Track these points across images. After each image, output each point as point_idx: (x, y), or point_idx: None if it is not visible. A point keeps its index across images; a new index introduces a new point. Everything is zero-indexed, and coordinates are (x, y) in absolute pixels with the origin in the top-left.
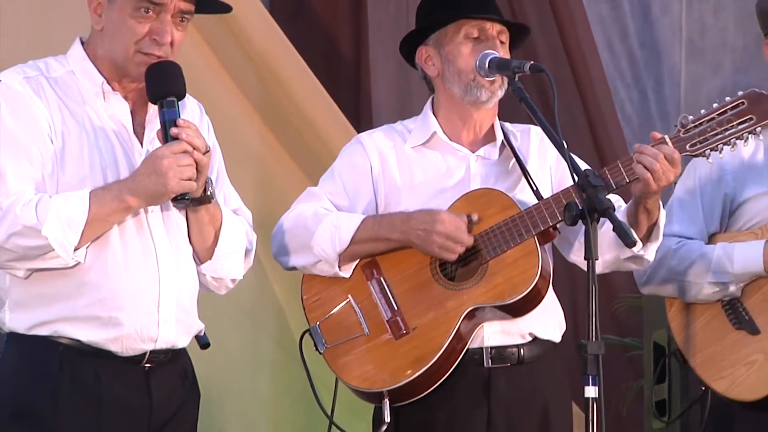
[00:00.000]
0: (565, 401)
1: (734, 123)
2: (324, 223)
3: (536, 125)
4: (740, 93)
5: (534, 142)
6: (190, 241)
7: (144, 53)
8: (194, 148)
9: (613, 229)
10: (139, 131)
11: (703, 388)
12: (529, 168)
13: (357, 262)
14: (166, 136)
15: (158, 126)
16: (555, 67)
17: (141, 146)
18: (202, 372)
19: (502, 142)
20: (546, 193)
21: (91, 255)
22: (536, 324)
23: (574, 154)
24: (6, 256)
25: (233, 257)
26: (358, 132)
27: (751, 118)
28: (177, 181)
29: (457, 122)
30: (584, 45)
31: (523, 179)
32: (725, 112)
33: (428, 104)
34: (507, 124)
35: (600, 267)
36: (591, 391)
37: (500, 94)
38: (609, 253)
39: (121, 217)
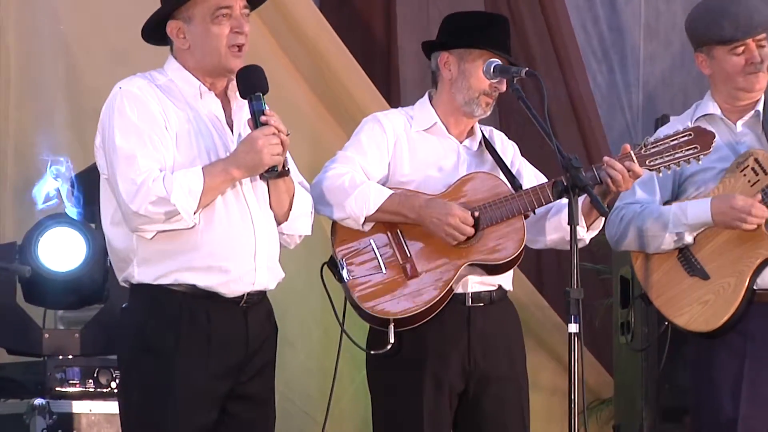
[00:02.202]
0: (520, 338)
1: (683, 149)
2: (359, 190)
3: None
4: (689, 125)
5: (497, 141)
6: (271, 207)
7: (233, 45)
8: (279, 131)
9: (591, 202)
10: (229, 122)
11: (666, 323)
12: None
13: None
14: (256, 123)
15: (243, 118)
16: (541, 48)
17: (232, 133)
18: (270, 291)
19: (480, 139)
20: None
21: (203, 219)
22: (502, 278)
23: (556, 116)
24: (139, 221)
25: (303, 218)
26: (388, 101)
27: (696, 147)
28: (270, 156)
29: (452, 119)
30: (564, 29)
31: (497, 166)
32: (677, 139)
33: (426, 98)
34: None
35: (542, 245)
36: (573, 328)
37: (488, 112)
38: (555, 234)
39: (227, 186)
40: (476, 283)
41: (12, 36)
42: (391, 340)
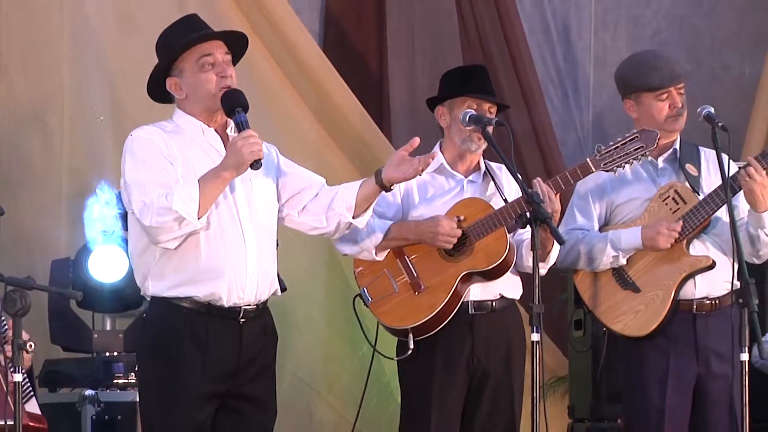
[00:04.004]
0: (522, 338)
1: (631, 150)
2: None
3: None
4: (634, 130)
5: (504, 177)
6: (356, 201)
7: (221, 87)
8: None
9: (550, 232)
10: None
11: (604, 329)
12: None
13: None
14: (240, 131)
15: None
16: (508, 81)
17: None
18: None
19: (485, 171)
20: None
21: (202, 238)
22: (504, 287)
23: (520, 139)
24: (156, 233)
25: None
26: (380, 126)
27: (642, 146)
28: (248, 152)
29: (457, 158)
30: (526, 63)
31: (497, 195)
32: (626, 142)
33: (438, 146)
34: (488, 162)
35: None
36: (535, 336)
37: (484, 146)
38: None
39: (223, 187)
40: (478, 293)
41: (66, 72)
42: (411, 347)
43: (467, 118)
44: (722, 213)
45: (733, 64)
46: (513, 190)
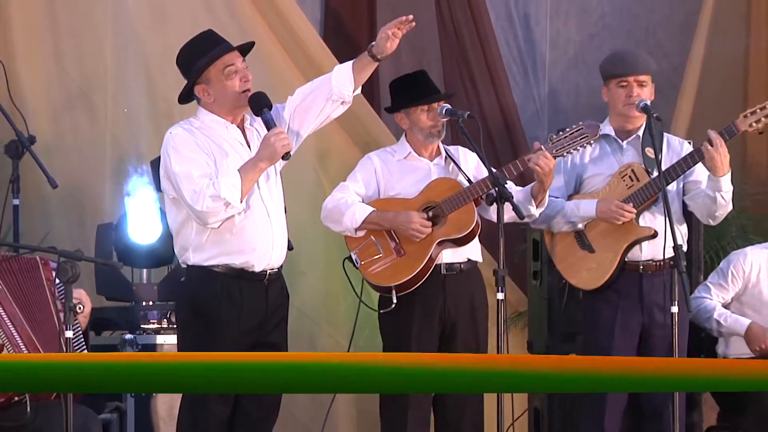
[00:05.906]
0: (483, 293)
1: (577, 138)
2: (349, 210)
3: (464, 147)
4: (580, 122)
5: (461, 154)
6: (354, 78)
7: (244, 90)
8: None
9: (513, 209)
10: (248, 144)
11: (564, 281)
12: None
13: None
14: (268, 128)
15: (256, 139)
16: (476, 60)
17: (249, 149)
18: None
19: (445, 155)
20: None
21: (236, 217)
22: (470, 252)
23: (488, 117)
24: (207, 216)
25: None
26: (370, 103)
27: (586, 136)
28: (281, 146)
29: (422, 148)
30: (492, 46)
31: (460, 175)
32: (572, 132)
33: (404, 137)
34: (445, 146)
35: (508, 219)
36: (500, 295)
37: (443, 134)
38: (509, 214)
39: (259, 176)
40: (449, 256)
41: (109, 57)
42: (394, 301)
43: (443, 111)
44: (671, 188)
45: (665, 43)
46: (470, 167)
